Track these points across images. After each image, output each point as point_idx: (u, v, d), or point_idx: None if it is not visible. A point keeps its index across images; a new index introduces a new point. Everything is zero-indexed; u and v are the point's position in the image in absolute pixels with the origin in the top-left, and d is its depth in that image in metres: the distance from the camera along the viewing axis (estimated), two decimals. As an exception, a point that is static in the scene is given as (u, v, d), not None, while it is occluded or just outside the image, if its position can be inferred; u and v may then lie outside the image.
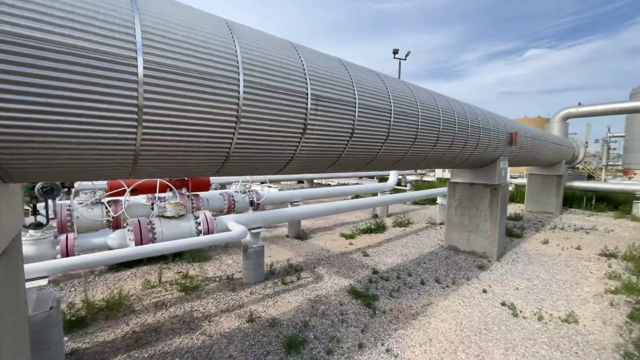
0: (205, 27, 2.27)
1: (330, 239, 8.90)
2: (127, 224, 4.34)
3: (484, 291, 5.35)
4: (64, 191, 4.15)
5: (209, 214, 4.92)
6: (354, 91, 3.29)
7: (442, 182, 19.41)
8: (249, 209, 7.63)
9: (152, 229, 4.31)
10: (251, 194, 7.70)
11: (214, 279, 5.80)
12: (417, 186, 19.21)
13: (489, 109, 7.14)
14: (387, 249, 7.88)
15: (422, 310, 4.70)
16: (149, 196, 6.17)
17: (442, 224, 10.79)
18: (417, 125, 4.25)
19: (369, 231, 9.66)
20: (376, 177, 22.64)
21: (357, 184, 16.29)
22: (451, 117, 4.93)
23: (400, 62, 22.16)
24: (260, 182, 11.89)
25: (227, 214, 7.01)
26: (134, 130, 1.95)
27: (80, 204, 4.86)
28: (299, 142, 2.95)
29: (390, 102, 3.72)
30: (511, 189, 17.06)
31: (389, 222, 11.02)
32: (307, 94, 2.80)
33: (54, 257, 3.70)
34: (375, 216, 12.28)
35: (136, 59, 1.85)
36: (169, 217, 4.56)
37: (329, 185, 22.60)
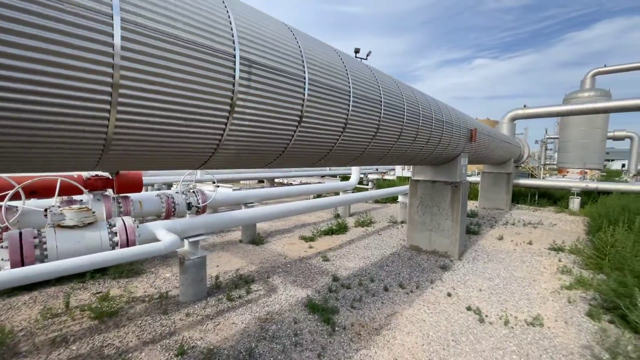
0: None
1: (288, 242, 8.20)
2: (2, 239, 3.21)
3: (449, 295, 5.05)
4: None
5: (130, 221, 3.92)
6: (304, 65, 2.63)
7: (402, 180, 19.70)
8: (192, 212, 6.63)
9: (42, 243, 3.24)
10: (196, 195, 6.71)
11: (143, 298, 4.78)
12: (379, 185, 19.27)
13: (450, 104, 7.00)
14: (349, 252, 7.39)
15: (386, 322, 4.21)
16: (64, 199, 4.94)
17: (403, 222, 10.67)
18: (380, 115, 3.73)
19: (330, 232, 9.13)
20: (339, 177, 22.40)
21: (320, 183, 15.77)
22: (415, 107, 4.51)
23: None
24: (213, 183, 10.77)
25: (166, 219, 5.98)
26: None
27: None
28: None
29: (348, 81, 3.12)
30: (465, 186, 17.81)
31: (351, 222, 10.62)
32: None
33: None
34: (337, 216, 11.83)
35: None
36: (70, 227, 3.50)
37: (290, 184, 21.85)
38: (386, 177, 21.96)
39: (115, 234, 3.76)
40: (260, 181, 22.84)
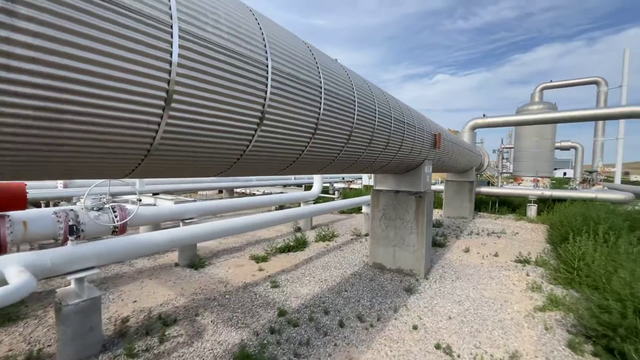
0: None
1: (235, 264, 7.02)
2: None
3: (415, 328, 4.25)
4: None
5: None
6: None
7: (368, 189, 19.25)
8: (107, 233, 5.27)
9: None
10: (112, 211, 5.36)
11: (4, 361, 3.39)
12: (345, 194, 18.61)
13: (412, 108, 6.40)
14: (305, 274, 6.41)
15: (337, 376, 3.27)
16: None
17: (367, 235, 9.94)
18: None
19: (286, 250, 8.09)
20: (304, 186, 21.47)
21: (282, 193, 14.66)
22: (386, 108, 3.76)
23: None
24: (153, 194, 9.33)
25: (64, 243, 4.62)
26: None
27: None
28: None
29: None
30: (430, 195, 17.75)
31: (312, 236, 9.67)
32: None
33: None
34: (297, 230, 10.82)
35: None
36: None
37: (253, 194, 20.49)
38: (353, 186, 21.46)
39: None
40: (220, 191, 21.24)
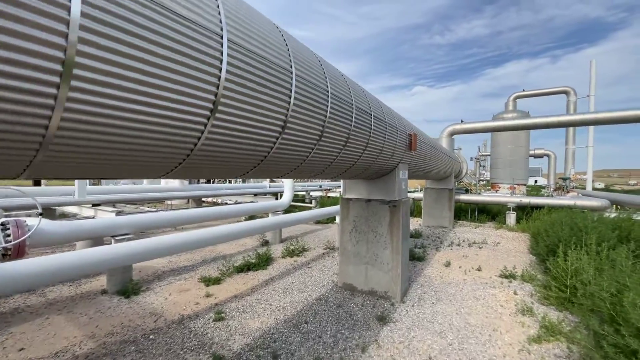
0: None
1: (180, 288, 5.86)
2: None
3: (386, 376, 3.31)
4: None
5: None
6: None
7: (346, 197, 18.40)
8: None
9: None
10: (4, 228, 4.12)
11: None
12: (322, 203, 17.70)
13: (385, 105, 5.63)
14: (261, 299, 5.35)
15: None
16: None
17: (341, 248, 9.01)
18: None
19: (246, 268, 6.99)
20: (280, 195, 20.34)
21: (253, 202, 13.49)
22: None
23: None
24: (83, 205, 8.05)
25: None
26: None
27: None
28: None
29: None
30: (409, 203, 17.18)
31: (279, 250, 8.62)
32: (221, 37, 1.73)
33: None
34: (265, 243, 9.73)
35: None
36: None
37: (225, 203, 19.14)
38: (331, 194, 20.59)
39: None
40: (188, 201, 19.72)
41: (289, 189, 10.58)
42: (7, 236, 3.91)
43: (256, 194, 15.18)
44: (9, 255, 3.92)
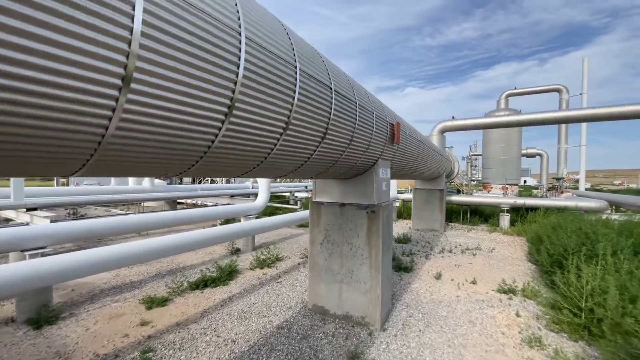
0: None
1: (112, 313, 4.75)
2: None
3: None
4: None
5: None
6: None
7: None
8: None
9: None
10: None
11: None
12: (306, 205, 16.68)
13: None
14: (208, 328, 4.30)
15: None
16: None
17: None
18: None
19: (203, 284, 5.91)
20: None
21: (229, 205, 12.34)
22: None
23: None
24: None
25: None
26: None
27: None
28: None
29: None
30: (398, 204, 16.29)
31: (248, 261, 7.56)
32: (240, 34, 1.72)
33: None
34: (236, 251, 8.66)
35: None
36: None
37: (206, 205, 17.93)
38: (317, 195, 19.56)
39: None
40: (175, 201, 18.42)
41: (264, 190, 9.52)
42: None
43: (233, 196, 14.03)
44: None
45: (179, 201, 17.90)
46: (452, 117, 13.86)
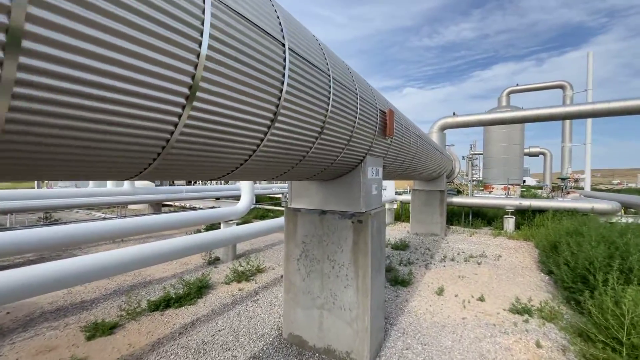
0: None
1: (42, 346, 3.87)
2: None
3: None
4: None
5: None
6: None
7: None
8: None
9: None
10: None
11: None
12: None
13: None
14: (154, 369, 3.42)
15: None
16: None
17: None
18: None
19: (165, 304, 5.03)
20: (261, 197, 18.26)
21: (213, 208, 11.45)
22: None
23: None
24: None
25: None
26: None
27: None
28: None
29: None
30: (396, 207, 15.43)
31: (225, 273, 6.68)
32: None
33: None
34: (214, 260, 7.78)
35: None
36: None
37: (194, 208, 17.05)
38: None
39: None
40: (163, 205, 17.51)
41: (247, 193, 8.65)
42: None
43: (218, 198, 13.13)
44: None
45: (164, 203, 17.02)
46: (453, 113, 13.03)
